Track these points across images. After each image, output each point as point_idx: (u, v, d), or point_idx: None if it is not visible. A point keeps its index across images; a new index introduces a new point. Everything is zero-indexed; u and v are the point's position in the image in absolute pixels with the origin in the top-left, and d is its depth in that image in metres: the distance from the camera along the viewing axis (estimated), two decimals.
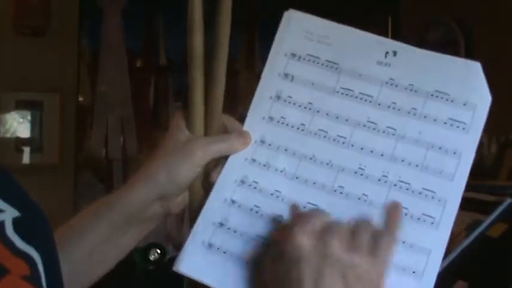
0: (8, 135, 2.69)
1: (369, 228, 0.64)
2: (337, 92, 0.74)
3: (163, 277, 2.29)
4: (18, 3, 2.64)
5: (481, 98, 0.71)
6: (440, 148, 0.70)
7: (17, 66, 2.63)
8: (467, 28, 2.37)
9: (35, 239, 0.54)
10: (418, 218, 0.68)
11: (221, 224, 0.72)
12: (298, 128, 0.74)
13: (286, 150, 0.74)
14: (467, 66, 0.72)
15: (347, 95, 0.74)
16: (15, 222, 0.53)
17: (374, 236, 0.63)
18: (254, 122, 0.76)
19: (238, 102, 2.87)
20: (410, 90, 0.72)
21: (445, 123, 0.71)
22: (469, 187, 0.70)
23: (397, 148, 0.71)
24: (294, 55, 0.77)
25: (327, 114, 0.74)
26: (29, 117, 2.72)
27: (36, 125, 2.73)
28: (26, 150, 2.71)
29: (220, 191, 0.74)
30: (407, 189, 0.69)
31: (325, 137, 0.73)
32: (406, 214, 0.68)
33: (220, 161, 0.75)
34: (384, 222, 0.67)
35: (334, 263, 0.60)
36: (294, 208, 0.70)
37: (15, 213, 0.54)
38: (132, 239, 0.77)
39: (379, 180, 0.70)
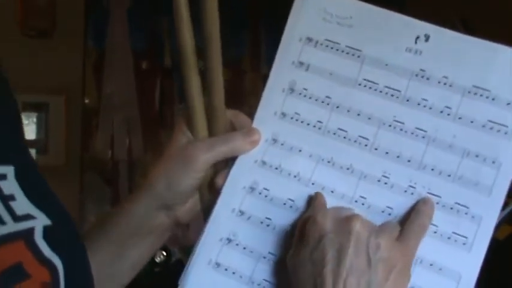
0: None
1: (396, 224, 0.60)
2: (360, 84, 0.64)
3: (169, 279, 2.29)
4: (24, 4, 2.62)
5: None
6: (477, 156, 0.60)
7: (23, 68, 2.60)
8: (473, 29, 2.37)
9: (61, 247, 0.54)
10: (449, 238, 0.59)
11: (229, 240, 0.63)
12: (314, 126, 0.65)
13: (300, 151, 0.64)
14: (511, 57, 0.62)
15: (370, 88, 0.64)
16: (46, 231, 0.54)
17: (402, 225, 0.59)
18: (265, 117, 0.66)
19: (244, 103, 2.86)
20: (444, 84, 0.62)
21: (483, 126, 0.60)
22: None
23: (427, 154, 0.61)
24: (309, 40, 0.67)
25: (348, 111, 0.64)
26: (35, 119, 2.69)
27: (41, 126, 2.69)
28: (32, 152, 2.69)
29: (227, 200, 0.64)
30: (437, 203, 0.60)
31: (345, 137, 0.64)
32: (435, 232, 0.59)
33: (229, 162, 0.67)
34: (414, 212, 0.60)
35: (358, 242, 0.55)
36: (317, 198, 0.62)
37: (46, 221, 0.54)
38: (144, 252, 0.72)
39: (405, 191, 0.61)
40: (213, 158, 0.66)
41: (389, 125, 0.63)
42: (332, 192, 0.63)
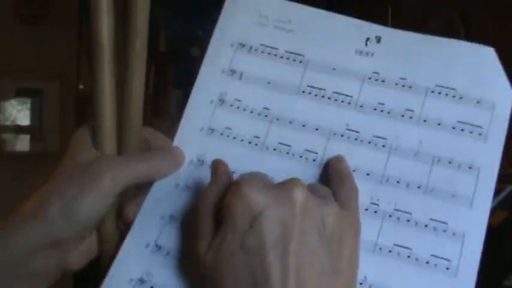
0: (8, 123, 2.63)
1: (324, 186, 0.49)
2: (303, 92, 0.54)
3: None
4: None
5: (500, 93, 0.51)
6: (450, 162, 0.50)
7: (17, 54, 2.56)
8: (468, 18, 2.36)
9: None
10: (427, 262, 0.48)
11: (142, 281, 0.50)
12: (250, 142, 0.54)
13: (234, 173, 0.52)
14: (476, 53, 0.52)
15: (316, 95, 0.54)
16: None
17: (332, 189, 0.48)
18: (189, 134, 0.55)
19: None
20: (403, 86, 0.53)
21: (453, 128, 0.51)
22: None
23: (390, 164, 0.51)
24: (242, 45, 0.57)
25: (290, 123, 0.54)
26: (29, 105, 2.66)
27: (36, 112, 2.67)
28: (26, 137, 2.65)
29: (140, 233, 0.51)
30: (407, 220, 0.49)
31: (288, 153, 0.53)
32: (408, 257, 0.48)
33: (141, 191, 0.53)
34: (334, 174, 0.50)
35: (305, 215, 0.42)
36: (218, 168, 0.49)
37: None
38: None
39: (366, 209, 0.50)
40: (126, 179, 0.50)
41: (342, 135, 0.53)
42: None
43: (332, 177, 0.50)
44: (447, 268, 0.47)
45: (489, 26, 2.27)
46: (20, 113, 2.68)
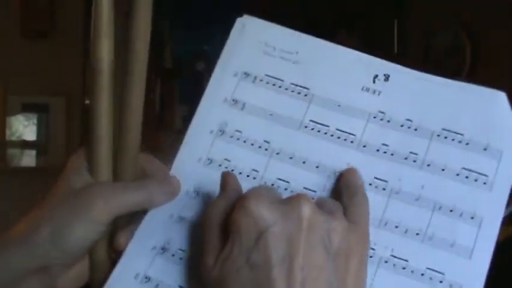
0: (14, 138, 2.65)
1: (333, 200, 0.48)
2: (306, 127, 0.53)
3: None
4: (24, 5, 2.64)
5: (509, 142, 0.49)
6: (451, 210, 0.48)
7: (23, 69, 2.58)
8: (474, 34, 2.36)
9: None
10: None
11: None
12: (248, 176, 0.52)
13: None
14: (487, 98, 0.50)
15: (319, 131, 0.52)
16: None
17: (342, 203, 0.47)
18: (186, 164, 0.53)
19: None
20: (408, 128, 0.51)
21: (457, 174, 0.49)
22: None
23: (389, 208, 0.49)
24: (247, 75, 0.55)
25: (290, 158, 0.52)
26: (35, 120, 2.67)
27: (42, 128, 2.68)
28: (32, 153, 2.66)
29: (130, 263, 0.50)
30: (403, 268, 0.47)
31: (286, 189, 0.51)
32: None
33: (134, 219, 0.52)
34: (344, 187, 0.49)
35: (312, 231, 0.42)
36: (227, 181, 0.48)
37: None
38: None
39: None
40: (118, 207, 0.49)
41: None
42: None
43: (342, 190, 0.48)
44: None
45: (495, 40, 2.27)
46: (26, 128, 2.69)
